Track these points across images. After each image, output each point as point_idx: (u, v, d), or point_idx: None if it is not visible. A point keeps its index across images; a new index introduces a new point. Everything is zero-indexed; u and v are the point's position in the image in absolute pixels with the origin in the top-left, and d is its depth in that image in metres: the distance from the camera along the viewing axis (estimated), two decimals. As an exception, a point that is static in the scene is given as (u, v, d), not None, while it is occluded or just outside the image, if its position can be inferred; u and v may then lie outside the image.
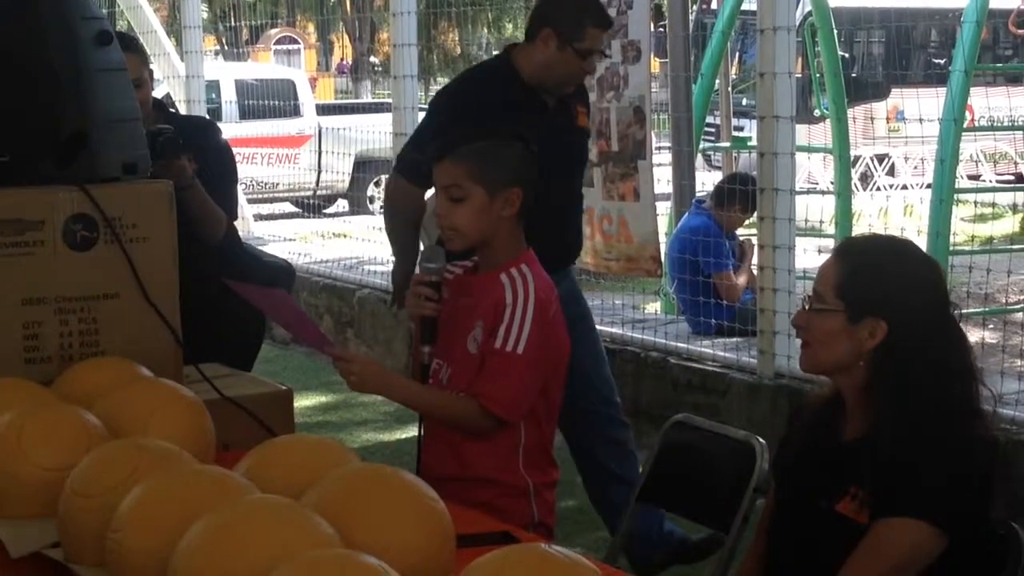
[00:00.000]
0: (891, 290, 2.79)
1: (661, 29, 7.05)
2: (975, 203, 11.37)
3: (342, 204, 17.07)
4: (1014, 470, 4.93)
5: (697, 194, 8.10)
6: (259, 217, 14.05)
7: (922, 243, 6.62)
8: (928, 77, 15.97)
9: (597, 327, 7.36)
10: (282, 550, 1.93)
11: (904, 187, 15.62)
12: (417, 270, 3.55)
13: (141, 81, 4.53)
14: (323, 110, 18.34)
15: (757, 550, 3.06)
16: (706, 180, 11.12)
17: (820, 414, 2.94)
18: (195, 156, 4.45)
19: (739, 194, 7.35)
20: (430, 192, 4.64)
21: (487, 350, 3.21)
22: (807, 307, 2.86)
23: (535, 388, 3.24)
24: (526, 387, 3.22)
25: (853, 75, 16.00)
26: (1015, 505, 4.25)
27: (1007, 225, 13.00)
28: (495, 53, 5.55)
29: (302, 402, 7.51)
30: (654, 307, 8.29)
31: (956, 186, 8.53)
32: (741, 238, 7.75)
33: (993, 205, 11.82)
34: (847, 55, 15.97)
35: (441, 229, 3.32)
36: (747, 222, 7.70)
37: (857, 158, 14.41)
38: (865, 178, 15.67)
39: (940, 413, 2.72)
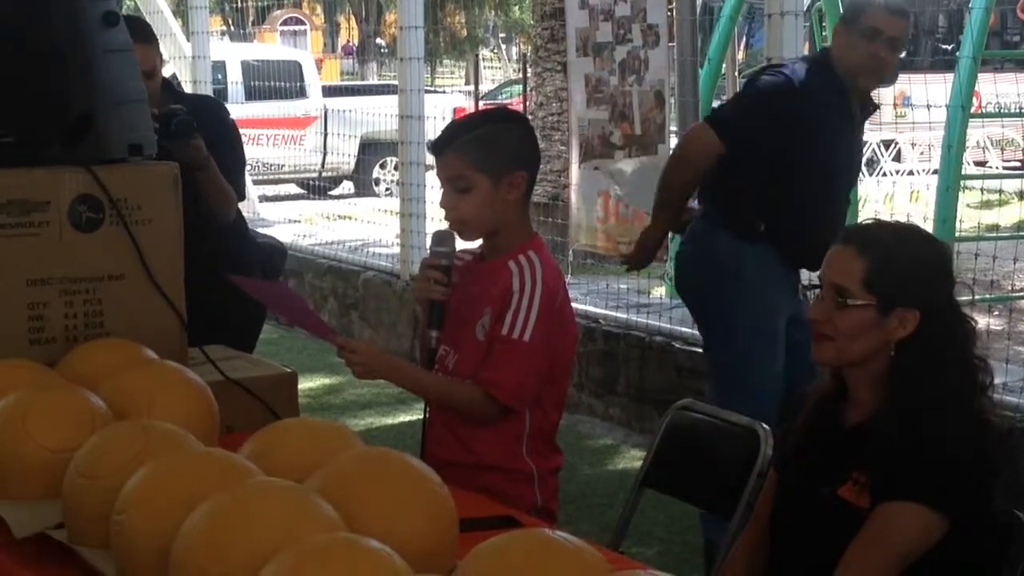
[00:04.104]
0: (921, 278, 2.78)
1: (669, 13, 7.03)
2: (982, 190, 11.35)
3: (347, 186, 17.07)
4: (1017, 458, 4.92)
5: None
6: (264, 198, 14.06)
7: (928, 229, 6.60)
8: (935, 63, 15.93)
9: (602, 311, 7.39)
10: (286, 533, 1.93)
11: (910, 173, 15.59)
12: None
13: (154, 71, 4.54)
14: (329, 91, 18.34)
15: (749, 540, 3.07)
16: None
17: (822, 401, 2.94)
18: (204, 137, 4.46)
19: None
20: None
21: (493, 336, 3.20)
22: (821, 299, 2.82)
23: (540, 376, 3.24)
24: (531, 374, 3.21)
25: (860, 60, 15.92)
26: (1017, 493, 4.23)
27: (1014, 212, 12.96)
28: (501, 36, 5.61)
29: (304, 384, 7.51)
30: (659, 292, 8.28)
31: (963, 172, 8.51)
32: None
33: (1000, 192, 11.79)
34: (854, 40, 15.88)
35: (450, 222, 3.31)
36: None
37: (863, 143, 14.37)
38: (871, 163, 15.63)
39: (951, 398, 2.72)
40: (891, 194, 14.13)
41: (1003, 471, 2.75)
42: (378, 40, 35.44)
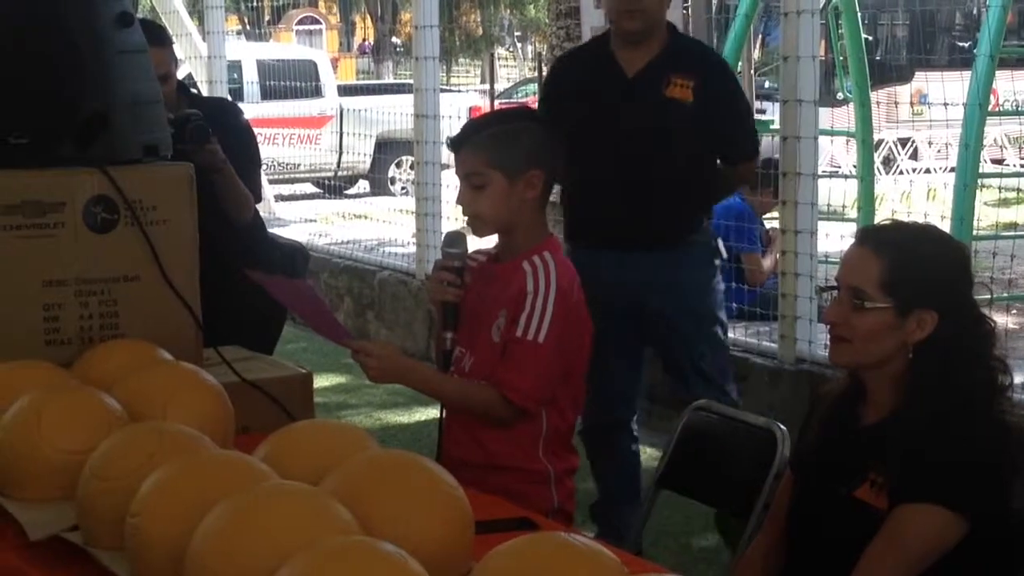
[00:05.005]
0: (938, 280, 2.76)
1: (684, 11, 7.02)
2: (999, 188, 11.31)
3: (363, 185, 17.07)
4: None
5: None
6: (280, 198, 14.07)
7: (946, 228, 6.59)
8: (952, 60, 15.90)
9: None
10: (300, 536, 1.93)
11: (927, 171, 15.55)
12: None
13: (169, 75, 4.55)
14: (345, 91, 18.35)
15: (765, 541, 3.05)
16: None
17: (839, 402, 2.93)
18: (219, 139, 4.46)
19: (772, 178, 7.30)
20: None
21: (508, 338, 3.20)
22: (838, 301, 2.81)
23: (556, 377, 3.23)
24: (546, 376, 3.21)
25: (877, 58, 15.91)
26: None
27: (1031, 210, 12.92)
28: (516, 35, 5.65)
29: (322, 383, 7.52)
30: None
31: (980, 170, 8.48)
32: (768, 227, 7.72)
33: (1017, 190, 11.72)
34: (871, 38, 15.87)
35: (466, 219, 3.32)
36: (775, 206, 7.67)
37: (880, 142, 14.34)
38: (888, 162, 15.60)
39: (969, 399, 2.71)
40: (908, 192, 14.09)
41: (1022, 472, 2.73)
42: (394, 39, 35.42)
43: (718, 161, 4.90)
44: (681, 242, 4.83)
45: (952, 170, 8.73)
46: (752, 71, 10.54)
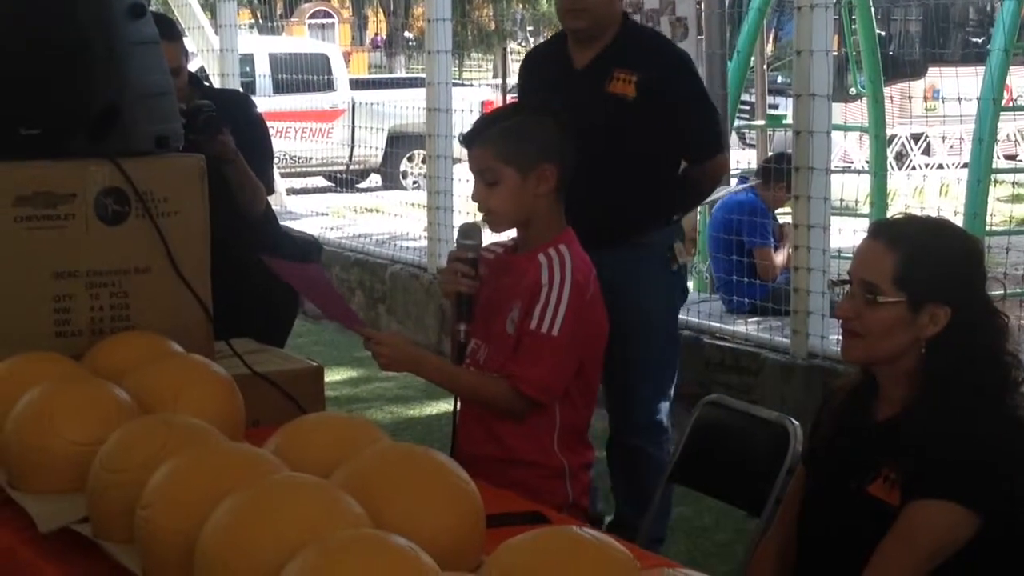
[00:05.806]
0: (952, 274, 2.74)
1: (698, 6, 7.00)
2: (1012, 183, 11.29)
3: (375, 179, 17.08)
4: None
5: (732, 172, 8.04)
6: (292, 191, 14.08)
7: (959, 223, 6.57)
8: (966, 56, 15.86)
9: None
10: (311, 529, 1.92)
11: (940, 166, 15.52)
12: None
13: (180, 69, 4.54)
14: (357, 84, 18.34)
15: (776, 540, 3.04)
16: (740, 158, 11.08)
17: (852, 397, 2.91)
18: (232, 130, 4.45)
19: (785, 173, 7.29)
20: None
21: (522, 331, 3.19)
22: (851, 295, 2.79)
23: (569, 370, 3.22)
24: (560, 369, 3.20)
25: (890, 53, 15.88)
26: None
27: (1044, 206, 12.89)
28: (529, 29, 5.61)
29: (333, 377, 7.52)
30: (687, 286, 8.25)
31: (993, 166, 8.47)
32: (780, 222, 7.72)
33: (1030, 185, 11.73)
34: (884, 33, 15.85)
35: (482, 215, 3.31)
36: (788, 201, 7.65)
37: (893, 137, 14.31)
38: (901, 157, 15.57)
39: (982, 395, 2.70)
40: (921, 188, 14.06)
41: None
42: (406, 33, 35.40)
43: (683, 161, 4.67)
44: (621, 244, 4.49)
45: (965, 165, 8.73)
46: (765, 65, 10.53)
